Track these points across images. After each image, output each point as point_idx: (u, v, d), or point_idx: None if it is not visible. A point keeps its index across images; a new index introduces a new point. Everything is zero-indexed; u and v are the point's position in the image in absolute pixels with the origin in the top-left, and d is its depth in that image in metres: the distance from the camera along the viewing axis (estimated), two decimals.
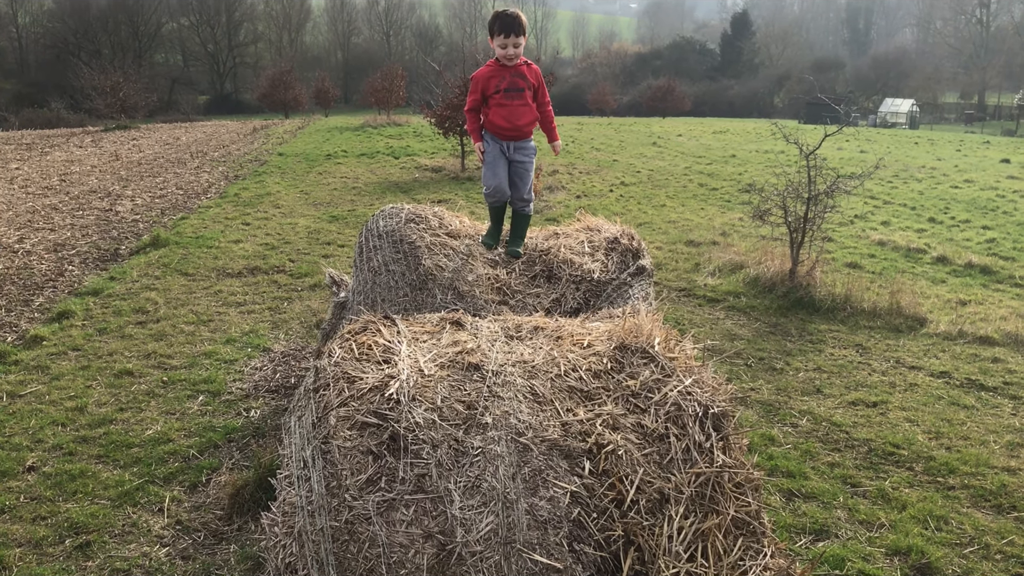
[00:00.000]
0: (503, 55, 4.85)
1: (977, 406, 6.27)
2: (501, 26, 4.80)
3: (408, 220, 4.80)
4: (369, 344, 2.90)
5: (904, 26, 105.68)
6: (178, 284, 8.93)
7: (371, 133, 27.61)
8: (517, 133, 4.93)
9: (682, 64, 76.81)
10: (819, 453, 5.39)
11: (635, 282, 4.65)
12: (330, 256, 10.30)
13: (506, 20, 4.79)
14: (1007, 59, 76.55)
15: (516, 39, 4.81)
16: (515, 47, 4.82)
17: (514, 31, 4.79)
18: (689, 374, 2.92)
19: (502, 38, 4.80)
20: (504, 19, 4.80)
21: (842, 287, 8.84)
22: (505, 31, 4.78)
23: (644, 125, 36.75)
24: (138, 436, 5.36)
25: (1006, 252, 11.86)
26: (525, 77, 4.93)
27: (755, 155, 24.06)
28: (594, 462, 2.66)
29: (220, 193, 15.28)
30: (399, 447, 2.58)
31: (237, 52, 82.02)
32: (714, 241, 11.68)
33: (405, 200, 14.45)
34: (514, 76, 4.90)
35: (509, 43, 4.81)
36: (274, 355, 6.84)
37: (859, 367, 7.03)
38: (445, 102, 18.76)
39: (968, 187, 18.65)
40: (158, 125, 37.01)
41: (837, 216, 12.55)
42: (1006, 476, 5.10)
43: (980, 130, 55.35)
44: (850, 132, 34.39)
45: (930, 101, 70.82)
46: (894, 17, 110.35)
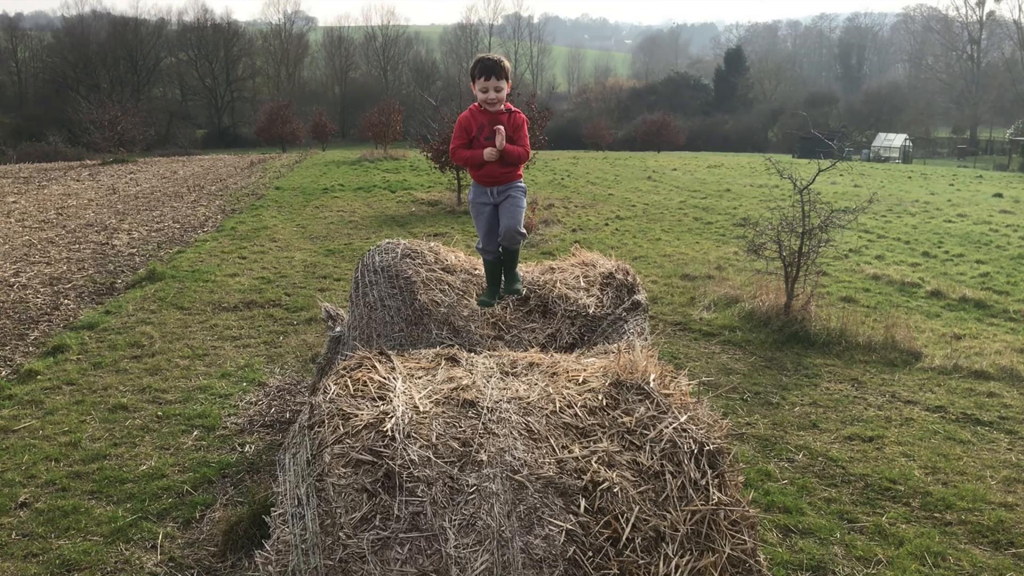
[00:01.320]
0: (483, 99, 4.72)
1: (973, 441, 6.26)
2: (482, 69, 4.68)
3: (404, 255, 4.82)
4: (364, 380, 2.90)
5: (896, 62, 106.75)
6: (174, 318, 8.93)
7: (368, 167, 27.73)
8: (497, 179, 4.82)
9: (676, 99, 77.44)
10: (816, 488, 5.38)
11: (630, 317, 4.66)
12: (326, 290, 10.31)
13: (487, 64, 4.68)
14: (998, 94, 77.32)
15: (497, 83, 4.68)
16: (496, 91, 4.69)
17: (495, 74, 4.66)
18: (684, 411, 2.92)
19: (483, 81, 4.68)
20: (485, 63, 4.69)
21: (837, 321, 8.86)
22: (486, 74, 4.66)
23: (639, 159, 36.98)
24: (132, 471, 5.33)
25: (1000, 286, 11.89)
26: (504, 123, 4.75)
27: (749, 189, 24.18)
28: (589, 500, 2.65)
29: (217, 227, 15.32)
30: (394, 485, 2.57)
31: (235, 87, 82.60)
32: (709, 275, 11.71)
33: (401, 234, 14.50)
34: (493, 124, 4.74)
35: (490, 87, 4.68)
36: (269, 389, 6.83)
37: (855, 401, 7.02)
38: (441, 136, 18.87)
39: (961, 221, 18.75)
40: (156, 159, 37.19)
41: (831, 250, 12.59)
42: (1003, 512, 5.08)
43: (973, 164, 55.74)
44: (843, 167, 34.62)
45: (923, 136, 71.38)
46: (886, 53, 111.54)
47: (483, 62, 4.68)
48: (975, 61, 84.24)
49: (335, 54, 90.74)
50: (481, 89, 4.69)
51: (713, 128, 71.38)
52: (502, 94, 4.73)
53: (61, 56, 73.05)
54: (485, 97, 4.69)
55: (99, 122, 32.83)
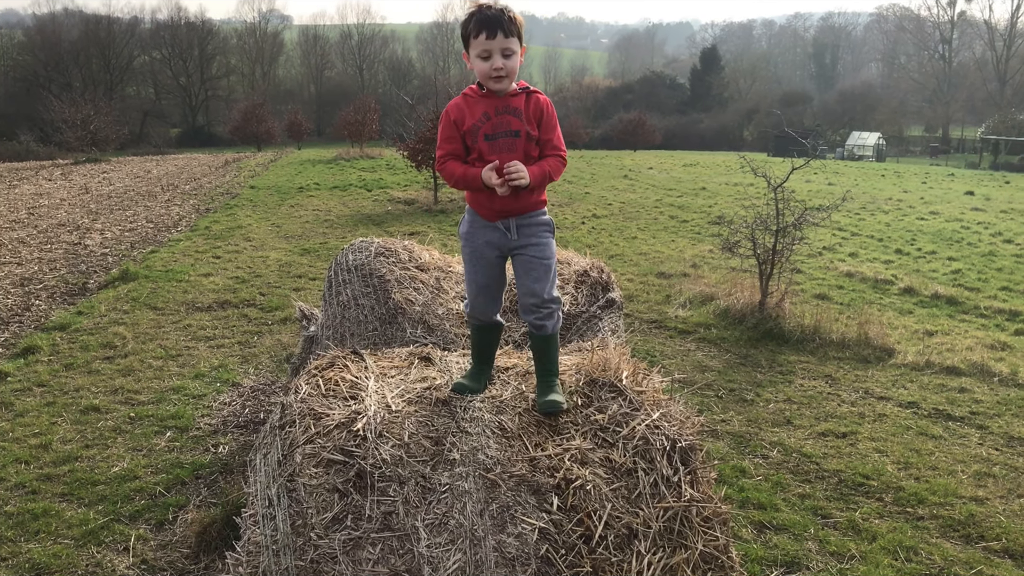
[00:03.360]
0: (486, 72, 3.01)
1: (945, 436, 6.32)
2: (480, 23, 2.99)
3: (378, 254, 4.80)
4: (336, 380, 2.89)
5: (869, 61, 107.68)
6: (147, 318, 8.85)
7: (344, 166, 27.62)
8: (510, 209, 3.11)
9: (653, 98, 77.61)
10: (790, 484, 5.41)
11: (605, 315, 4.66)
12: (301, 289, 10.25)
13: (488, 15, 2.99)
14: (969, 94, 78.20)
15: (505, 42, 2.99)
16: (505, 57, 3.00)
17: (501, 29, 2.98)
18: (657, 408, 2.93)
19: (484, 40, 2.98)
20: (483, 13, 3.01)
21: (811, 318, 8.92)
22: (488, 29, 2.97)
23: (616, 158, 37.07)
24: (104, 473, 5.27)
25: (971, 283, 12.03)
26: (521, 113, 3.06)
27: (725, 188, 24.31)
28: (562, 497, 2.65)
29: (191, 226, 15.20)
30: (366, 484, 2.56)
31: (209, 85, 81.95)
32: (685, 273, 11.76)
33: (378, 232, 14.45)
34: (502, 112, 3.06)
35: (494, 49, 2.98)
36: (243, 390, 6.78)
37: (829, 398, 7.08)
38: (417, 135, 18.87)
39: (934, 219, 18.95)
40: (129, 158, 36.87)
41: (805, 248, 12.68)
42: (974, 506, 5.14)
43: (945, 163, 56.31)
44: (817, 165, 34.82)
45: (896, 134, 72.04)
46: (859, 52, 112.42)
47: (480, 13, 3.01)
48: (947, 61, 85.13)
49: (310, 52, 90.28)
50: (480, 55, 3.01)
51: (689, 127, 71.67)
52: (514, 62, 3.03)
53: (32, 54, 72.16)
54: (488, 67, 3.00)
55: (71, 121, 32.54)
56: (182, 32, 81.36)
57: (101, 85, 71.05)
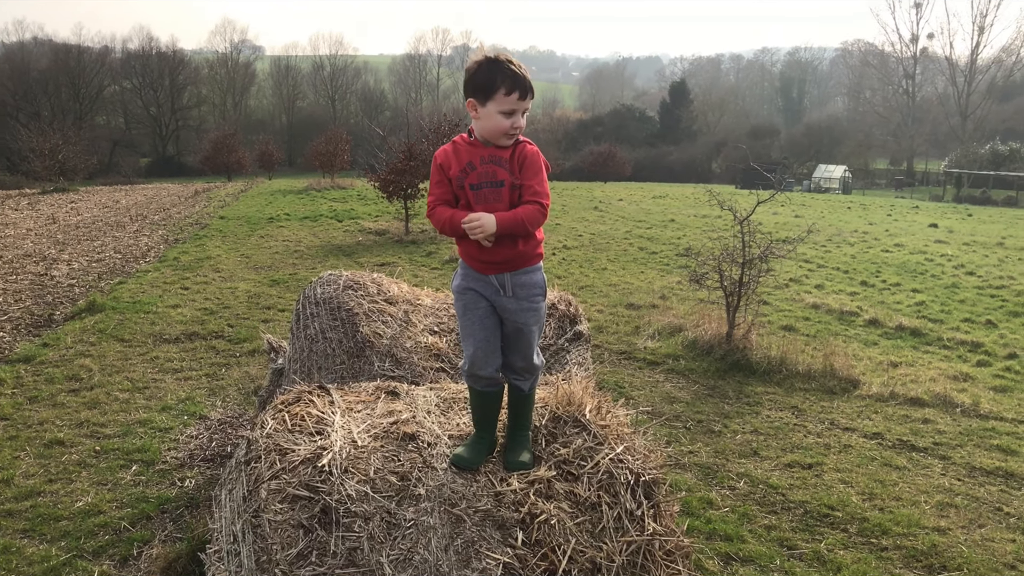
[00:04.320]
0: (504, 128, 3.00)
1: (908, 467, 6.40)
2: (513, 81, 2.95)
3: (346, 287, 4.82)
4: (302, 415, 2.90)
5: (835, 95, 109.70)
6: (114, 350, 8.77)
7: (315, 196, 27.60)
8: (503, 263, 3.08)
9: (623, 130, 78.36)
10: (756, 516, 5.45)
11: (572, 347, 4.70)
12: (270, 321, 10.21)
13: (520, 75, 2.96)
14: (932, 128, 79.76)
15: (526, 104, 3.03)
16: (523, 116, 3.04)
17: (530, 92, 3.03)
18: (620, 442, 2.97)
19: (514, 99, 2.96)
20: (515, 72, 2.96)
21: (778, 350, 9.01)
22: (521, 90, 2.96)
23: (586, 190, 37.33)
24: (67, 508, 5.20)
25: (935, 315, 12.21)
26: (505, 163, 3.05)
27: (693, 220, 24.56)
28: (527, 532, 2.68)
29: (159, 257, 15.10)
30: (331, 520, 2.57)
31: (180, 115, 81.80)
32: (653, 304, 11.85)
33: (348, 263, 14.44)
34: (488, 162, 3.06)
35: (519, 109, 2.98)
36: (210, 423, 6.73)
37: (795, 429, 7.14)
38: (389, 166, 18.92)
39: (898, 251, 19.23)
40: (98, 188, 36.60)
41: (772, 280, 12.83)
42: (936, 536, 5.20)
43: (910, 195, 57.27)
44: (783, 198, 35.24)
45: (861, 167, 73.16)
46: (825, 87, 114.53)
47: (509, 68, 2.96)
48: (910, 95, 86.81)
49: (282, 83, 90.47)
50: (504, 111, 2.97)
51: (658, 159, 72.39)
52: (524, 122, 3.06)
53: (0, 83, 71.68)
54: (509, 125, 2.99)
55: (39, 150, 32.28)
56: (153, 62, 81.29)
57: (70, 114, 70.59)
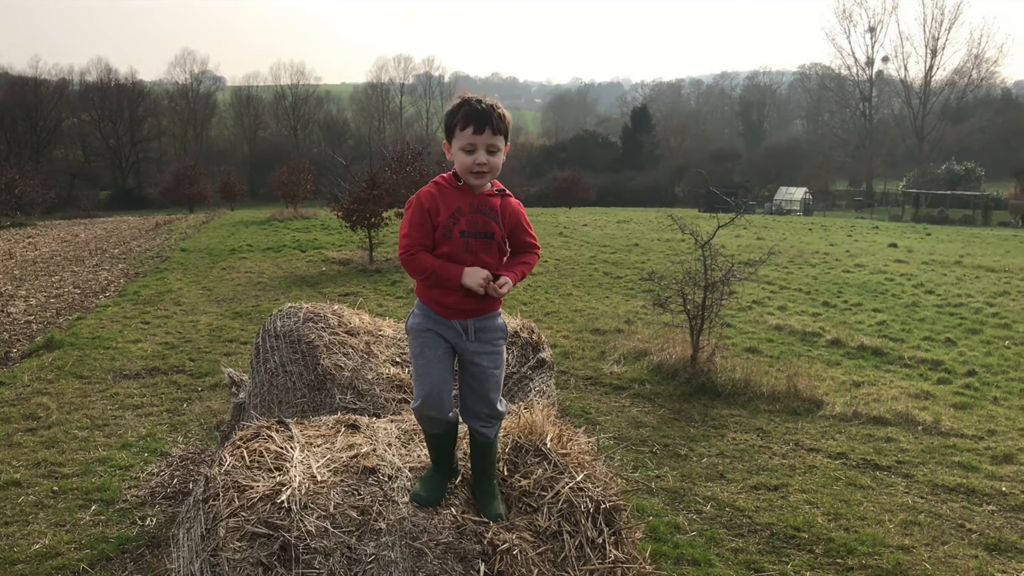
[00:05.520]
0: (468, 167, 2.92)
1: (873, 486, 6.45)
2: (468, 117, 2.91)
3: (306, 319, 4.79)
4: (261, 451, 2.87)
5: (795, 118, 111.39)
6: (72, 388, 8.62)
7: (277, 227, 27.46)
8: (474, 307, 3.00)
9: (586, 156, 78.99)
10: (723, 539, 5.45)
11: (535, 375, 4.70)
12: (232, 354, 10.11)
13: (477, 109, 2.91)
14: (890, 149, 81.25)
15: (492, 139, 2.91)
16: (489, 153, 2.92)
17: (489, 125, 2.90)
18: (581, 469, 2.97)
19: (471, 135, 2.90)
20: (471, 107, 2.92)
21: (742, 372, 9.07)
22: (476, 124, 2.89)
23: (551, 215, 37.49)
24: (23, 551, 5.08)
25: (895, 334, 12.37)
26: (496, 215, 3.00)
27: (657, 243, 24.73)
28: (489, 564, 2.67)
29: (119, 291, 14.91)
30: (290, 557, 2.54)
31: (140, 147, 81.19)
32: (619, 329, 11.89)
33: (312, 294, 14.36)
34: (477, 211, 2.96)
35: (479, 144, 2.90)
36: (172, 459, 6.63)
37: (760, 451, 7.18)
38: (352, 195, 18.90)
39: (859, 271, 19.47)
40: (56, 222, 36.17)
41: (735, 302, 12.93)
42: (900, 554, 5.24)
43: (870, 215, 58.15)
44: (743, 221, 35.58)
45: (822, 189, 74.25)
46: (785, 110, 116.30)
47: (469, 106, 2.93)
48: (867, 117, 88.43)
49: (244, 113, 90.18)
50: (464, 148, 2.92)
51: (622, 184, 72.96)
52: (497, 160, 2.97)
53: None
54: (471, 162, 2.91)
55: None
56: (112, 94, 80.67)
57: (27, 148, 69.81)
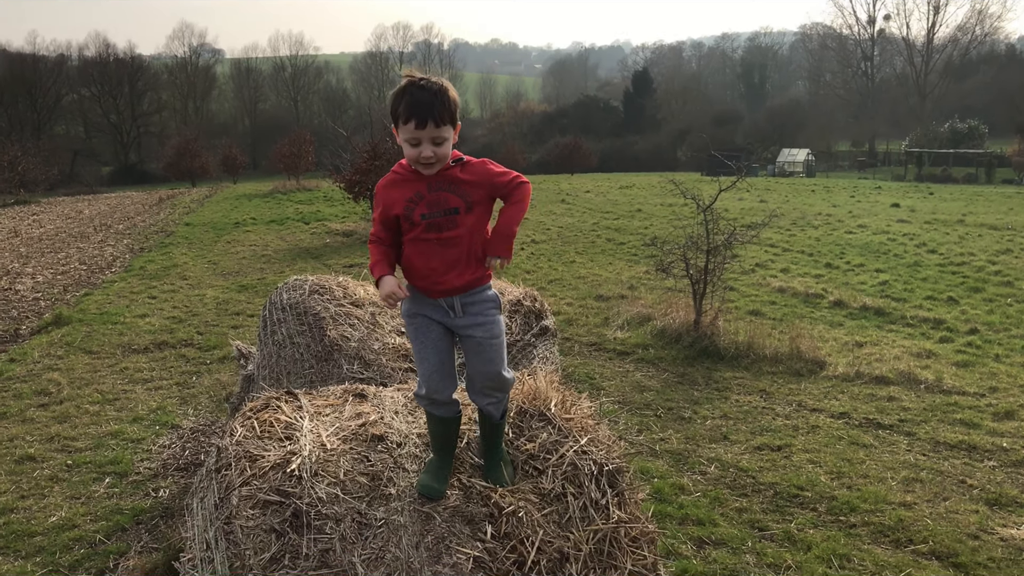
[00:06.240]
0: (414, 157, 2.81)
1: (875, 444, 6.53)
2: (409, 111, 2.74)
3: (312, 291, 4.84)
4: (271, 421, 2.94)
5: (797, 79, 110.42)
6: (82, 363, 8.72)
7: (280, 199, 27.48)
8: (452, 287, 2.90)
9: (587, 121, 78.52)
10: (727, 499, 5.54)
11: (539, 342, 4.77)
12: (240, 327, 10.19)
13: (416, 99, 2.74)
14: (892, 108, 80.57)
15: (436, 132, 2.76)
16: (436, 144, 2.78)
17: (432, 118, 2.74)
18: (584, 434, 3.04)
19: (412, 129, 2.75)
20: (414, 98, 2.74)
21: (745, 335, 9.13)
22: (418, 119, 2.74)
23: (553, 182, 37.41)
24: (41, 524, 5.19)
25: (898, 293, 12.41)
26: (458, 188, 2.86)
27: (660, 209, 24.72)
28: (496, 526, 2.75)
29: (125, 267, 15.00)
30: (302, 523, 2.61)
31: (141, 122, 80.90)
32: (622, 295, 11.95)
33: (316, 266, 14.42)
34: (437, 189, 2.85)
35: (423, 138, 2.76)
36: (183, 432, 6.73)
37: (763, 412, 7.26)
38: (354, 166, 18.89)
39: (862, 232, 19.48)
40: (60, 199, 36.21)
41: (738, 265, 12.97)
42: (903, 511, 5.32)
43: (872, 176, 57.84)
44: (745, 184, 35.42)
45: (824, 150, 73.78)
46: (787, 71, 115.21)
47: (412, 95, 2.75)
48: (870, 77, 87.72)
49: (243, 86, 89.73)
50: (410, 141, 2.79)
51: (624, 149, 72.58)
52: (445, 149, 2.82)
53: None
54: (416, 154, 2.79)
55: None
56: (111, 69, 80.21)
57: (28, 125, 69.71)
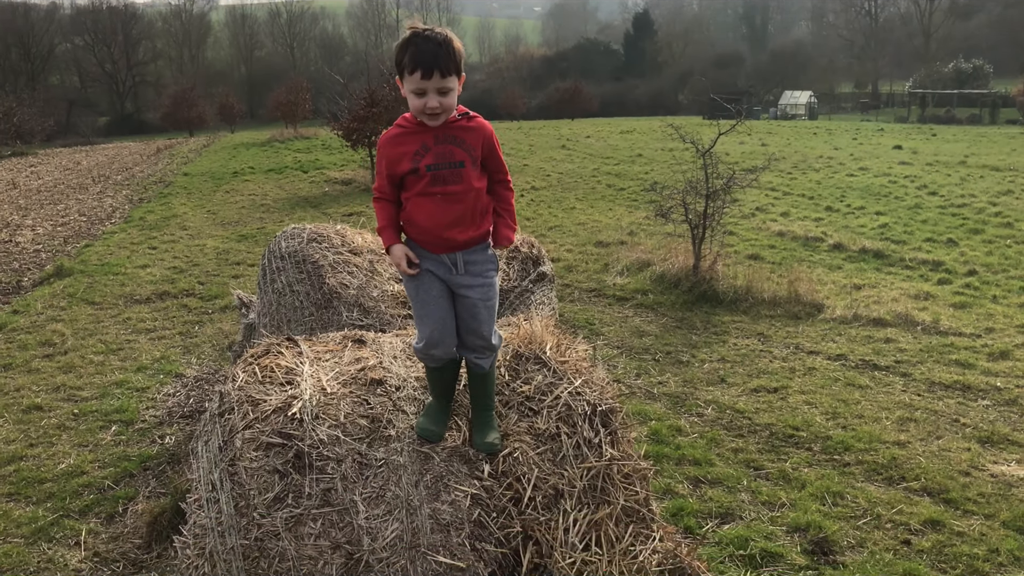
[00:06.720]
0: (419, 108, 2.78)
1: (871, 385, 6.61)
2: (415, 62, 2.73)
3: (310, 240, 4.88)
4: (271, 367, 3.00)
5: (799, 20, 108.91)
6: (85, 314, 8.79)
7: (278, 148, 27.34)
8: (456, 242, 2.93)
9: (588, 65, 77.73)
10: (724, 440, 5.63)
11: (536, 288, 4.82)
12: (240, 276, 10.24)
13: (422, 49, 2.72)
14: (895, 49, 79.58)
15: (442, 81, 2.75)
16: (441, 95, 2.77)
17: (437, 69, 2.73)
18: (579, 376, 3.11)
19: (418, 79, 2.74)
20: (420, 49, 2.72)
21: (743, 279, 9.18)
22: (424, 69, 2.72)
23: (553, 128, 37.17)
24: (50, 471, 5.29)
25: (897, 236, 12.43)
26: (464, 142, 2.87)
27: (661, 153, 24.60)
28: (492, 465, 2.83)
29: (125, 217, 15.01)
30: (304, 464, 2.69)
31: (136, 71, 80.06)
32: (622, 241, 11.98)
33: (315, 215, 14.43)
34: (443, 141, 2.85)
35: (429, 88, 2.75)
36: (187, 380, 6.81)
37: (761, 355, 7.33)
38: (351, 114, 18.76)
39: (863, 175, 19.40)
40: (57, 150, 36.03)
41: (738, 209, 12.96)
42: (896, 450, 5.41)
43: (875, 118, 57.31)
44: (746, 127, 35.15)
45: (827, 92, 73.08)
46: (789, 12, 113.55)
47: (417, 46, 2.73)
48: (873, 17, 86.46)
49: (239, 33, 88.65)
50: (415, 91, 2.78)
51: (625, 93, 71.94)
52: (451, 99, 2.81)
53: None
54: (422, 105, 2.77)
55: None
56: (104, 17, 79.20)
57: (22, 75, 69.06)
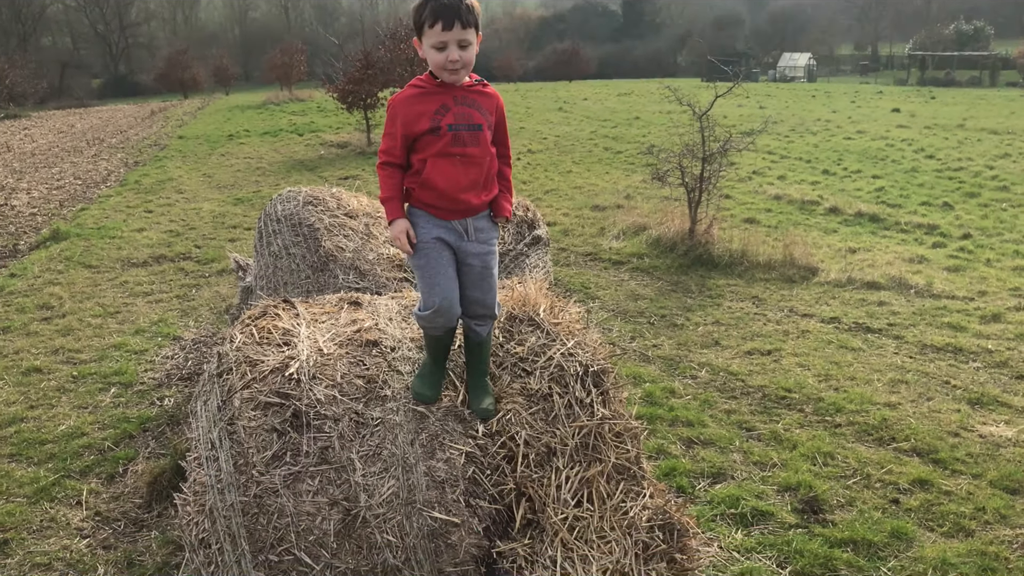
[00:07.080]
0: (440, 64, 2.83)
1: (864, 348, 6.66)
2: (435, 13, 2.79)
3: (306, 203, 4.90)
4: (269, 328, 3.04)
5: None
6: (82, 277, 8.81)
7: (274, 110, 27.21)
8: (468, 207, 2.96)
9: (586, 27, 77.09)
10: (717, 402, 5.70)
11: (531, 252, 4.85)
12: (237, 240, 10.26)
13: (444, 4, 2.78)
14: (896, 10, 78.95)
15: (463, 33, 2.80)
16: (461, 48, 2.82)
17: (459, 20, 2.79)
18: (571, 337, 3.15)
19: (439, 32, 2.79)
20: (440, 2, 2.79)
21: (739, 242, 9.21)
22: (445, 20, 2.78)
23: (551, 90, 36.97)
24: (51, 432, 5.35)
25: (893, 199, 12.44)
26: (481, 107, 2.94)
27: (658, 116, 24.51)
28: (486, 423, 2.88)
29: (120, 181, 14.97)
30: (302, 423, 2.74)
31: (129, 32, 79.31)
32: (618, 204, 11.98)
33: (311, 178, 14.41)
34: (463, 103, 2.90)
35: (450, 40, 2.80)
36: (185, 343, 6.85)
37: (755, 318, 7.38)
38: (347, 76, 18.67)
39: (860, 138, 19.37)
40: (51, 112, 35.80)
41: (735, 173, 12.95)
42: (887, 411, 5.48)
43: (875, 80, 57.01)
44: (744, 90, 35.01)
45: (826, 54, 72.61)
46: None
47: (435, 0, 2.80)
48: None
49: None
50: (435, 45, 2.82)
51: (623, 55, 71.44)
52: (470, 54, 2.86)
53: None
54: (444, 59, 2.82)
55: None
56: None
57: (13, 36, 68.37)
